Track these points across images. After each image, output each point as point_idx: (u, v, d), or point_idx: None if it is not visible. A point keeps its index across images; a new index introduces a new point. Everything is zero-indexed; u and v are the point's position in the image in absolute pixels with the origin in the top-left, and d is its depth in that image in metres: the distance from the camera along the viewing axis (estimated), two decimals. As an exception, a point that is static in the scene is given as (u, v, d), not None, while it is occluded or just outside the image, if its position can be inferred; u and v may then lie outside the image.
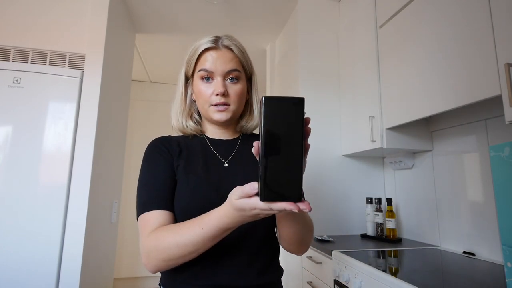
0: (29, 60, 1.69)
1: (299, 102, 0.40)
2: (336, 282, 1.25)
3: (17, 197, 1.50)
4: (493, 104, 1.13)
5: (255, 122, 0.80)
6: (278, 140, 0.40)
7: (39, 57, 1.71)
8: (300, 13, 2.02)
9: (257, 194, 0.45)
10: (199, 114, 0.80)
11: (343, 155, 1.89)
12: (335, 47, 2.03)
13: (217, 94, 0.70)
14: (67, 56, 1.74)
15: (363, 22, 1.71)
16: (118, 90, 2.08)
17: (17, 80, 1.59)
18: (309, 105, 1.91)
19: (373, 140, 1.54)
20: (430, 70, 1.21)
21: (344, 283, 1.18)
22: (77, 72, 1.69)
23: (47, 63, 1.71)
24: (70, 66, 1.73)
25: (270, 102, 0.40)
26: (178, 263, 0.58)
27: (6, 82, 1.57)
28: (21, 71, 1.60)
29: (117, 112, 2.08)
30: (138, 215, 0.65)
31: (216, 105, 0.71)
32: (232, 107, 0.72)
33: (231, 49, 0.73)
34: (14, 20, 1.73)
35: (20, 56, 1.69)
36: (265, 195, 0.41)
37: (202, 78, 0.72)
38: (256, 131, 0.83)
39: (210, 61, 0.71)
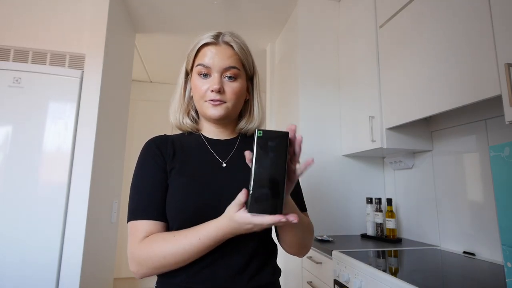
0: (29, 60, 1.69)
1: (285, 134, 0.50)
2: (336, 282, 1.25)
3: (17, 197, 1.50)
4: (493, 104, 1.13)
5: (255, 123, 0.79)
6: (266, 163, 0.49)
7: (39, 57, 1.71)
8: (300, 13, 2.02)
9: (245, 206, 0.51)
10: (197, 112, 0.79)
11: (343, 155, 1.89)
12: (335, 47, 2.03)
13: (212, 91, 0.69)
14: (67, 56, 1.74)
15: (363, 22, 1.71)
16: (118, 90, 2.08)
17: (17, 80, 1.59)
18: (309, 105, 1.91)
19: (373, 140, 1.54)
20: (430, 70, 1.21)
21: (344, 283, 1.18)
22: (77, 72, 1.69)
23: (47, 63, 1.71)
24: (70, 66, 1.73)
25: (263, 133, 0.50)
26: (168, 270, 0.60)
27: (6, 82, 1.57)
28: (21, 71, 1.60)
29: (117, 112, 2.08)
30: (128, 220, 0.65)
31: (211, 100, 0.70)
32: (228, 104, 0.70)
33: (231, 46, 0.71)
34: (14, 20, 1.73)
35: (20, 56, 1.69)
36: (251, 208, 0.49)
37: (200, 73, 0.70)
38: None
39: (209, 56, 0.69)
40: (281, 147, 0.49)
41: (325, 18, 2.05)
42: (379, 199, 1.67)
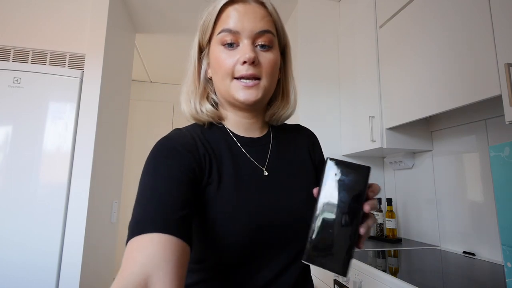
0: (29, 60, 1.69)
1: (365, 170, 0.39)
2: (336, 282, 1.25)
3: (17, 197, 1.50)
4: (493, 104, 1.13)
5: (290, 110, 0.61)
6: (335, 204, 0.39)
7: (39, 57, 1.71)
8: (300, 13, 2.02)
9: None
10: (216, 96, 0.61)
11: (343, 155, 1.89)
12: (335, 47, 2.03)
13: (244, 62, 0.50)
14: (67, 56, 1.74)
15: (363, 22, 1.71)
16: (118, 90, 2.07)
17: (17, 80, 1.59)
18: (309, 105, 1.91)
19: (373, 140, 1.54)
20: (430, 70, 1.21)
21: (344, 283, 1.18)
22: (77, 72, 1.69)
23: (47, 63, 1.71)
24: (70, 66, 1.73)
25: (336, 164, 0.39)
26: None
27: (6, 82, 1.57)
28: (21, 71, 1.60)
29: (117, 112, 2.07)
30: (127, 241, 0.41)
31: (240, 78, 0.51)
32: (264, 82, 0.52)
33: (263, 4, 0.54)
34: (14, 20, 1.72)
35: (20, 56, 1.69)
36: (308, 256, 0.39)
37: (224, 43, 0.51)
38: (288, 121, 0.67)
39: (235, 17, 0.51)
40: (358, 185, 0.39)
41: (325, 18, 2.05)
42: (379, 199, 1.67)
